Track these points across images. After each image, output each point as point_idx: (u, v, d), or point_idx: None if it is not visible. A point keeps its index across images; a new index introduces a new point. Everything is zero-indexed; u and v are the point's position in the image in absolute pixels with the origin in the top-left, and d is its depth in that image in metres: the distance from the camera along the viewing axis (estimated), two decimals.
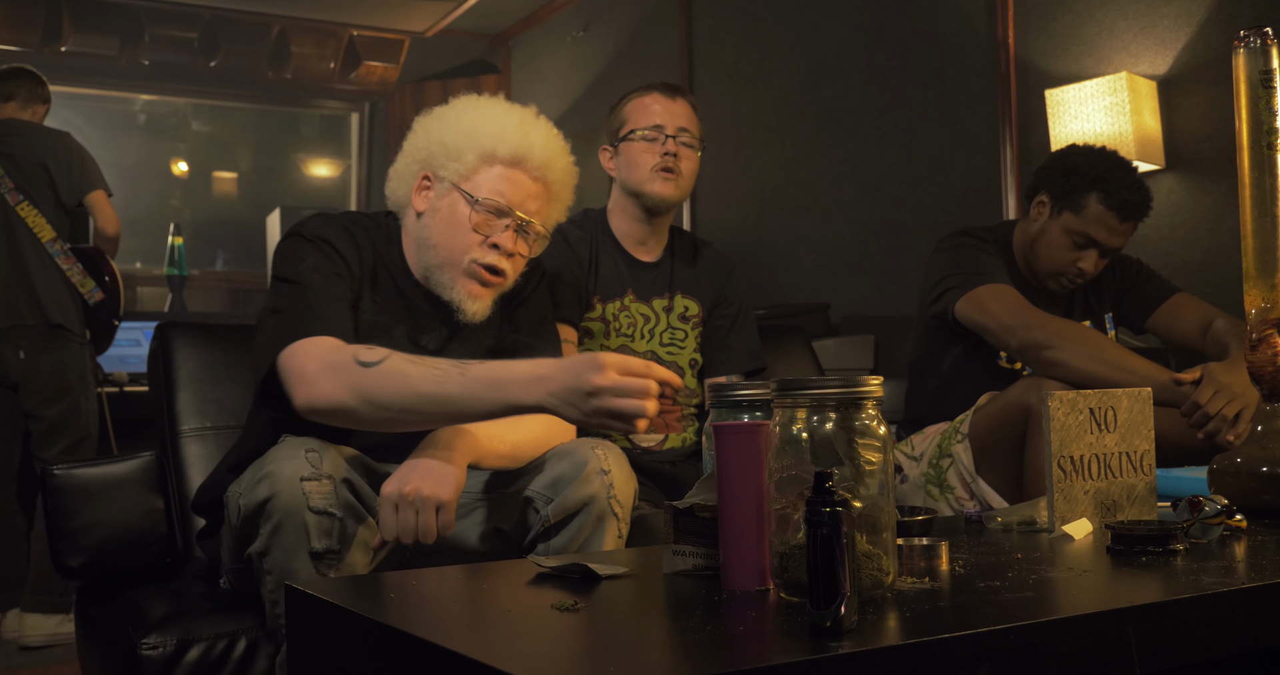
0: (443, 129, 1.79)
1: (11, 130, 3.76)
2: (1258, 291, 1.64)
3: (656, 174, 2.32)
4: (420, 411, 1.53)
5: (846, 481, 1.07)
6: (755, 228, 4.81)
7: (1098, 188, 2.38)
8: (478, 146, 1.75)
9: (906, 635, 0.93)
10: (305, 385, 1.55)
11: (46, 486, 1.86)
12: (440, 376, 1.51)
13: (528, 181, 1.77)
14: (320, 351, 1.58)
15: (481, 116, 1.78)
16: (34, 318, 3.57)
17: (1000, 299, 2.35)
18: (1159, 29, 3.30)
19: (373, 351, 1.56)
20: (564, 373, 1.45)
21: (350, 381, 1.53)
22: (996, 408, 2.28)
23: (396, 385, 1.52)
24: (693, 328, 2.43)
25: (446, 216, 1.76)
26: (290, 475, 1.48)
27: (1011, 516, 1.60)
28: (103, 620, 1.81)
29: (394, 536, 1.52)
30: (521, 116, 1.81)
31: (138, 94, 6.89)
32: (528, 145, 1.77)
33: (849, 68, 4.38)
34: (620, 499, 1.68)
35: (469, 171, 1.76)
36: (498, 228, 1.75)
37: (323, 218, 1.82)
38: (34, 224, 3.64)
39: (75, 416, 3.61)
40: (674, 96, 2.39)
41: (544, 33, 6.47)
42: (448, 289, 1.77)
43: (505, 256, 1.76)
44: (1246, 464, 1.61)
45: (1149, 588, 1.15)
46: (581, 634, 1.01)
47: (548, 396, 1.46)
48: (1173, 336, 2.55)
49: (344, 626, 1.11)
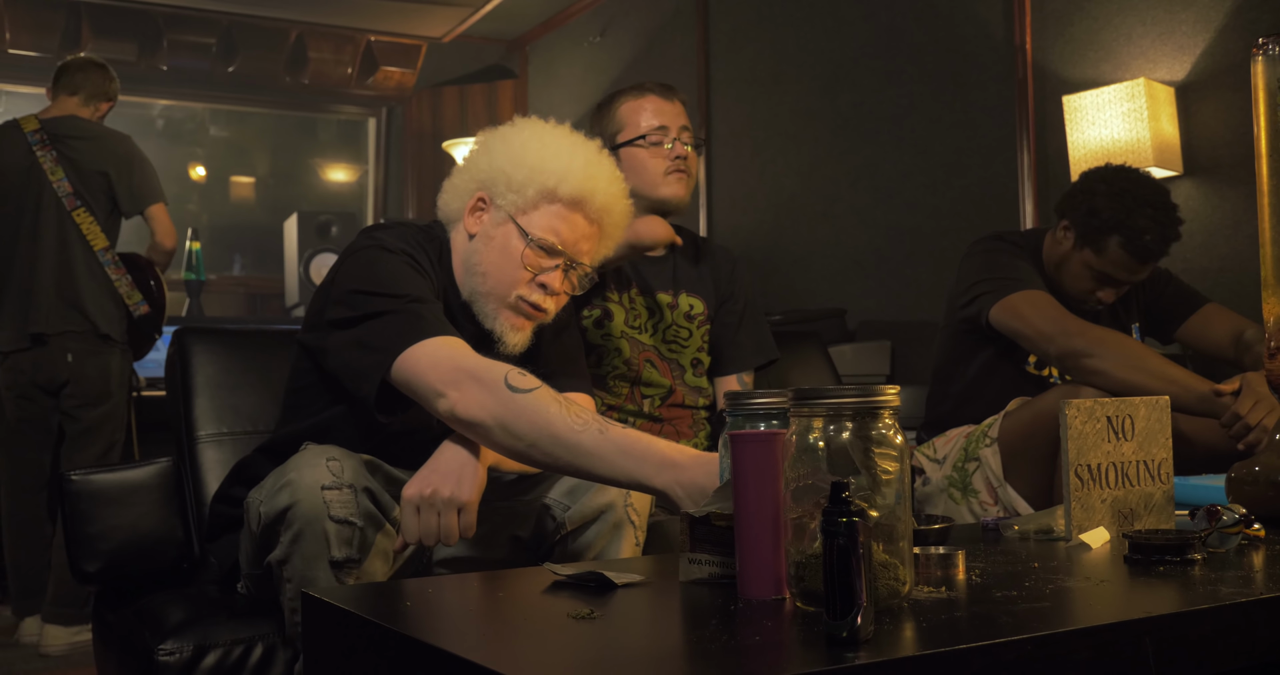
0: (507, 156, 1.75)
1: (75, 131, 3.67)
2: (1276, 299, 1.63)
3: (669, 177, 2.31)
4: (548, 454, 1.50)
5: (863, 491, 1.06)
6: (771, 233, 4.80)
7: (1119, 233, 2.36)
8: (540, 183, 1.72)
9: (923, 646, 0.93)
10: (454, 390, 1.52)
11: (65, 492, 1.87)
12: (580, 426, 1.48)
13: (584, 224, 1.76)
14: (463, 357, 1.54)
15: (548, 151, 1.75)
16: (82, 326, 3.55)
17: (1037, 306, 2.35)
18: (1177, 35, 3.29)
19: (525, 378, 1.53)
20: (699, 466, 1.42)
21: (497, 403, 1.50)
22: (1030, 414, 2.27)
23: (536, 421, 1.49)
24: (698, 327, 2.41)
25: (500, 247, 1.74)
26: (311, 484, 1.49)
27: (1029, 525, 1.59)
28: (120, 626, 1.82)
29: (416, 539, 1.52)
30: (587, 157, 1.77)
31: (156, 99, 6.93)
32: (590, 189, 1.74)
33: (866, 73, 4.37)
34: (637, 507, 1.69)
35: (527, 206, 1.74)
36: (548, 267, 1.73)
37: (389, 230, 1.79)
38: (88, 232, 3.59)
39: (111, 423, 3.62)
40: (670, 97, 2.37)
41: (561, 38, 6.48)
42: (490, 318, 1.75)
43: (551, 295, 1.75)
44: (1265, 472, 1.60)
45: (1167, 598, 1.14)
46: (597, 643, 1.01)
47: (675, 485, 1.43)
48: (1203, 347, 2.54)
49: (359, 634, 1.11)
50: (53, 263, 3.57)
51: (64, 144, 3.63)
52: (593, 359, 2.30)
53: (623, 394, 2.32)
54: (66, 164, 3.60)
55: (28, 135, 3.62)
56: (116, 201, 3.69)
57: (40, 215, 3.58)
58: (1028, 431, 2.24)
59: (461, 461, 1.55)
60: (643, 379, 2.32)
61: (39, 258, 3.56)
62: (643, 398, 2.33)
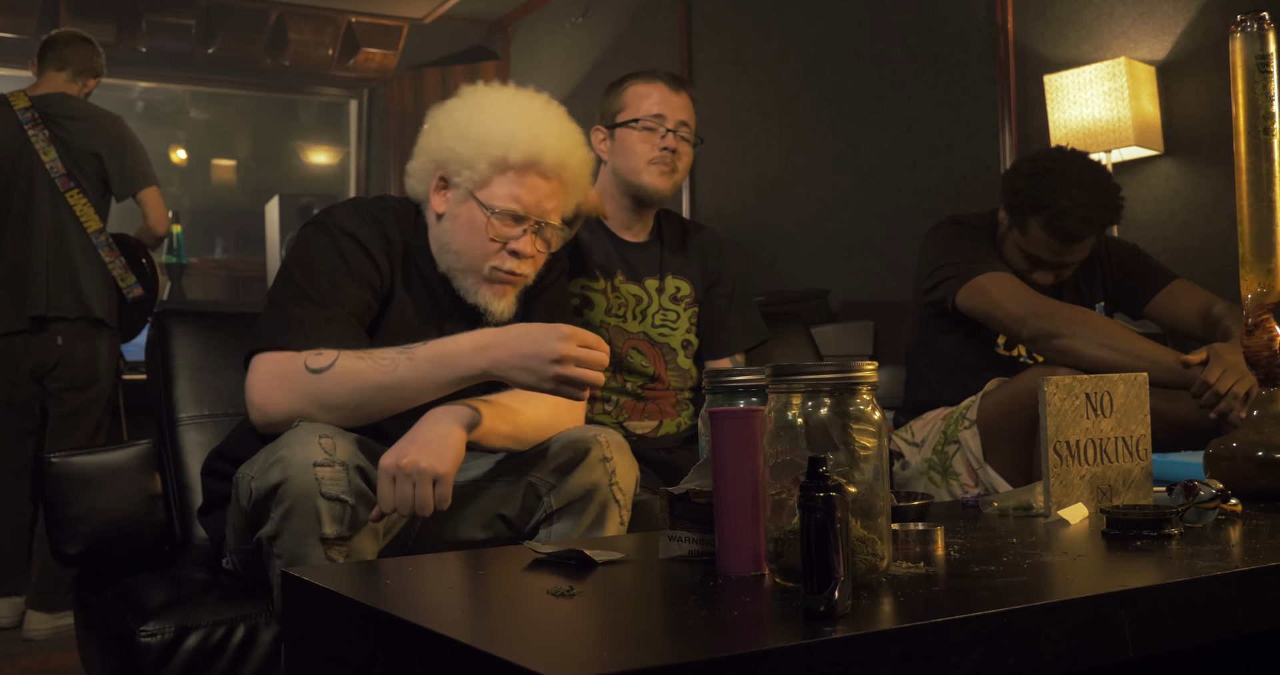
0: (455, 134, 1.78)
1: (67, 111, 3.60)
2: (1254, 276, 1.64)
3: (653, 166, 2.31)
4: (377, 403, 1.60)
5: (841, 467, 1.07)
6: (754, 214, 4.80)
7: (1037, 213, 2.35)
8: (489, 155, 1.74)
9: (900, 619, 0.93)
10: (261, 399, 1.62)
11: (45, 474, 1.87)
12: (389, 365, 1.59)
13: (542, 183, 1.77)
14: (272, 366, 1.62)
15: (492, 120, 1.76)
16: (76, 311, 3.50)
17: (1005, 287, 2.35)
18: (1158, 14, 3.30)
19: (320, 356, 1.60)
20: (517, 340, 1.55)
21: (303, 389, 1.59)
22: (1007, 395, 2.27)
23: (349, 383, 1.58)
24: (685, 308, 2.42)
25: (466, 224, 1.76)
26: (303, 460, 1.49)
27: (1008, 501, 1.60)
28: (101, 608, 1.82)
29: (391, 508, 1.51)
30: (532, 117, 1.78)
31: (135, 81, 6.88)
32: (539, 149, 1.75)
33: (848, 54, 4.37)
34: (622, 486, 1.69)
35: (483, 180, 1.76)
36: (516, 234, 1.76)
37: (352, 205, 1.83)
38: (82, 213, 3.54)
39: (98, 405, 3.59)
40: (678, 89, 2.37)
41: (543, 19, 6.46)
42: (471, 293, 1.79)
43: (525, 259, 1.78)
44: (1242, 448, 1.62)
45: (1143, 572, 1.15)
46: (577, 619, 1.02)
47: (494, 363, 1.56)
48: (1171, 322, 2.55)
49: (340, 613, 1.11)
50: (47, 244, 3.51)
51: (56, 124, 3.57)
52: None
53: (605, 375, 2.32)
54: (59, 144, 3.55)
55: (18, 113, 3.56)
56: (108, 184, 3.65)
57: (33, 196, 3.53)
58: (1005, 412, 2.25)
59: (441, 433, 1.55)
60: (625, 365, 2.33)
61: (34, 239, 3.51)
62: (626, 380, 2.34)
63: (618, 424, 2.32)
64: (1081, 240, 2.37)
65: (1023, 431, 2.21)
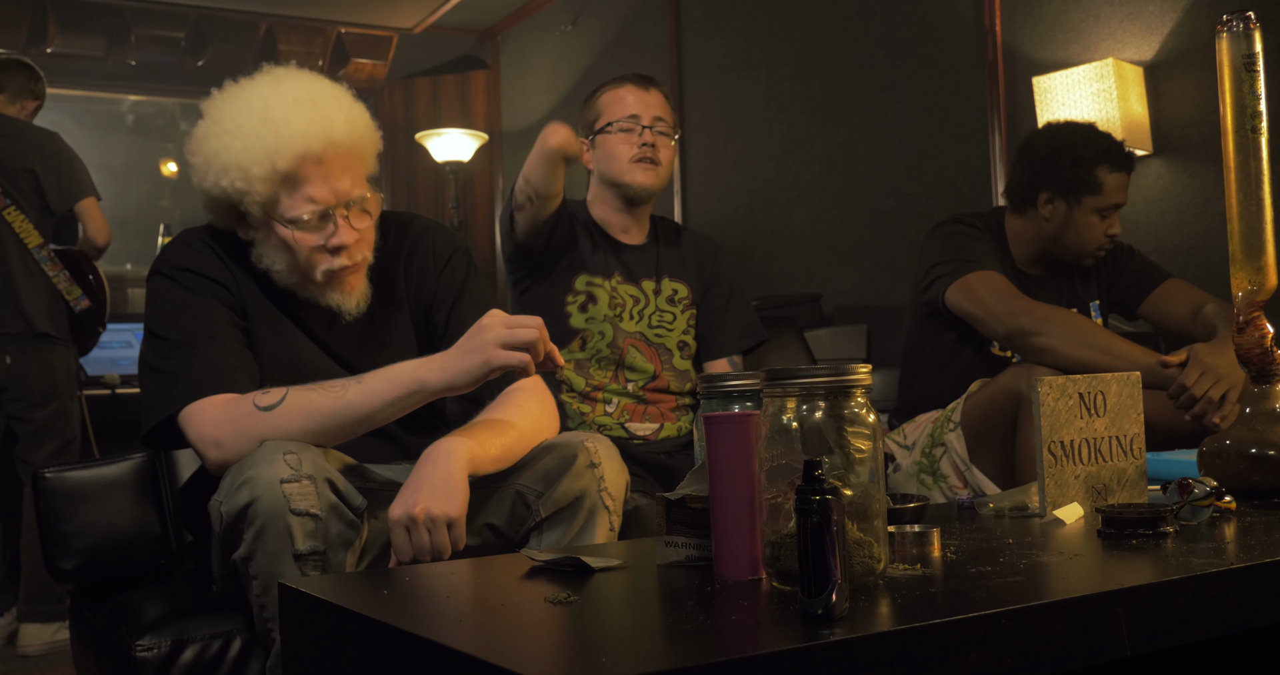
0: (215, 169, 1.66)
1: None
2: (1244, 274, 1.64)
3: (636, 164, 2.36)
4: (331, 429, 1.60)
5: (836, 469, 1.07)
6: (746, 219, 4.81)
7: (1102, 162, 2.41)
8: (258, 179, 1.64)
9: (897, 621, 0.93)
10: (218, 450, 1.59)
11: (38, 490, 1.86)
12: (339, 390, 1.60)
13: (320, 171, 1.67)
14: (217, 412, 1.61)
15: (238, 144, 1.64)
16: (18, 327, 3.51)
17: (989, 286, 2.36)
18: (1145, 15, 3.31)
19: (269, 394, 1.60)
20: (454, 348, 1.59)
21: (256, 430, 1.57)
22: (987, 395, 2.28)
23: (303, 415, 1.58)
24: (682, 310, 2.44)
25: (279, 245, 1.70)
26: (270, 479, 1.47)
27: (1003, 502, 1.60)
28: (97, 623, 1.81)
29: (409, 558, 1.52)
30: (264, 117, 1.65)
31: (125, 95, 6.88)
32: (295, 148, 1.64)
33: (837, 58, 4.38)
34: (612, 492, 1.68)
35: (269, 200, 1.67)
36: (329, 230, 1.69)
37: (180, 240, 1.78)
38: (21, 229, 3.56)
39: (63, 419, 3.59)
40: (647, 87, 2.42)
41: (532, 27, 6.46)
42: (320, 300, 1.75)
43: (349, 247, 1.71)
44: (1235, 446, 1.62)
45: (1139, 570, 1.15)
46: (575, 626, 1.02)
47: (435, 370, 1.58)
48: (1165, 322, 2.56)
49: (337, 624, 1.11)
50: None
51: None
52: (577, 342, 2.35)
53: (607, 375, 2.34)
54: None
55: None
56: (45, 199, 3.66)
57: None
58: (986, 413, 2.26)
59: (445, 476, 1.54)
60: (626, 363, 2.35)
61: None
62: (627, 380, 2.35)
63: (618, 425, 2.32)
64: (1133, 168, 2.48)
65: (1004, 431, 2.22)
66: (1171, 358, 2.10)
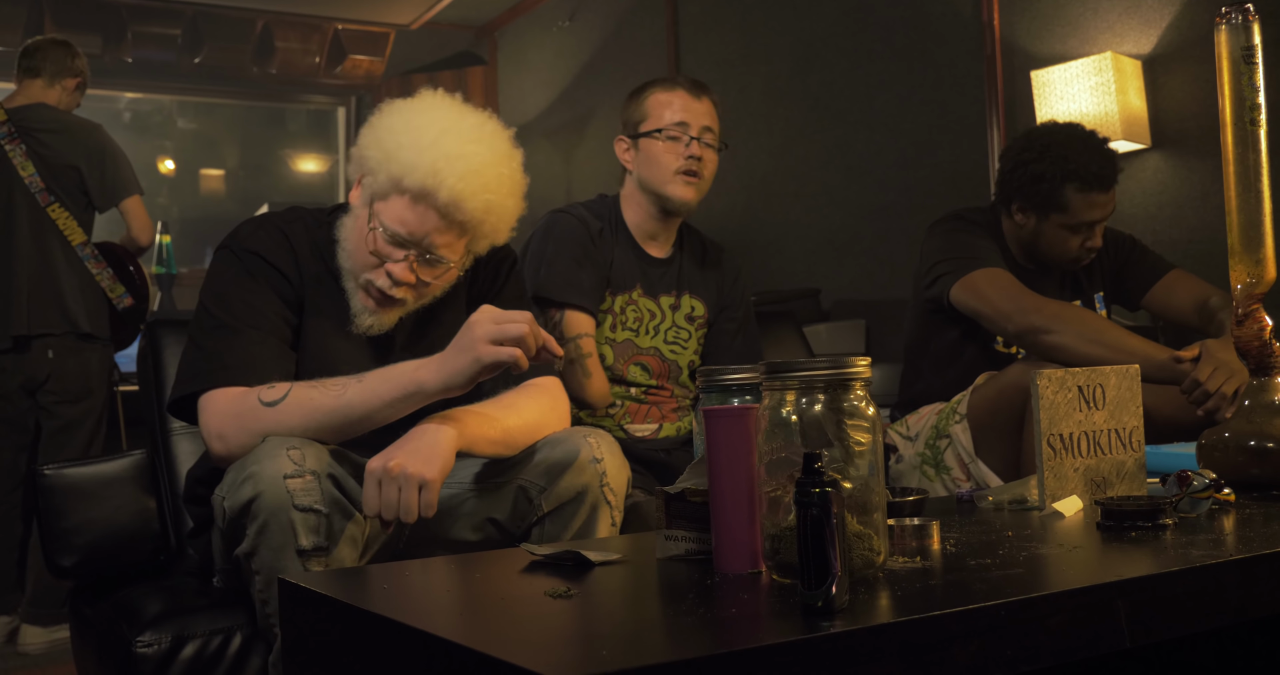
0: (374, 139, 1.73)
1: (42, 123, 3.55)
2: (1243, 267, 1.65)
3: (679, 177, 2.29)
4: (331, 427, 1.60)
5: (836, 462, 1.07)
6: (744, 214, 4.81)
7: (1069, 181, 2.36)
8: (389, 172, 1.69)
9: (898, 613, 0.94)
10: (221, 443, 1.61)
11: (38, 487, 1.86)
12: (339, 389, 1.60)
13: (434, 217, 1.69)
14: (226, 404, 1.62)
15: (406, 139, 1.69)
16: (62, 327, 3.47)
17: (996, 284, 2.35)
18: (1143, 8, 3.31)
19: (273, 389, 1.60)
20: (450, 348, 1.58)
21: (260, 424, 1.58)
22: (994, 389, 2.28)
23: (303, 412, 1.58)
24: (696, 329, 2.42)
25: (358, 227, 1.73)
26: (273, 474, 1.48)
27: (1003, 495, 1.60)
28: (97, 619, 1.81)
29: (375, 512, 1.51)
30: (445, 150, 1.68)
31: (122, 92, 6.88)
32: (435, 183, 1.66)
33: (835, 53, 4.38)
34: (614, 487, 1.68)
35: (381, 192, 1.70)
36: (396, 256, 1.70)
37: (257, 221, 1.79)
38: (65, 226, 3.50)
39: (91, 417, 3.57)
40: (699, 95, 2.35)
41: (530, 23, 6.46)
42: (350, 295, 1.75)
43: (401, 285, 1.72)
44: (1234, 438, 1.62)
45: (1138, 562, 1.16)
46: (575, 620, 1.02)
47: (434, 370, 1.57)
48: (1167, 314, 2.55)
49: (338, 618, 1.11)
50: (30, 260, 3.48)
51: (33, 137, 3.53)
52: None
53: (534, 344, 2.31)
54: (36, 159, 3.50)
55: None
56: (89, 195, 3.61)
57: (12, 211, 3.49)
58: (993, 406, 2.25)
59: (430, 440, 1.54)
60: (627, 379, 2.33)
61: (15, 256, 3.47)
62: (629, 386, 2.35)
63: (618, 425, 2.32)
64: (1114, 184, 2.40)
65: (1011, 425, 2.21)
66: (1184, 353, 2.10)
